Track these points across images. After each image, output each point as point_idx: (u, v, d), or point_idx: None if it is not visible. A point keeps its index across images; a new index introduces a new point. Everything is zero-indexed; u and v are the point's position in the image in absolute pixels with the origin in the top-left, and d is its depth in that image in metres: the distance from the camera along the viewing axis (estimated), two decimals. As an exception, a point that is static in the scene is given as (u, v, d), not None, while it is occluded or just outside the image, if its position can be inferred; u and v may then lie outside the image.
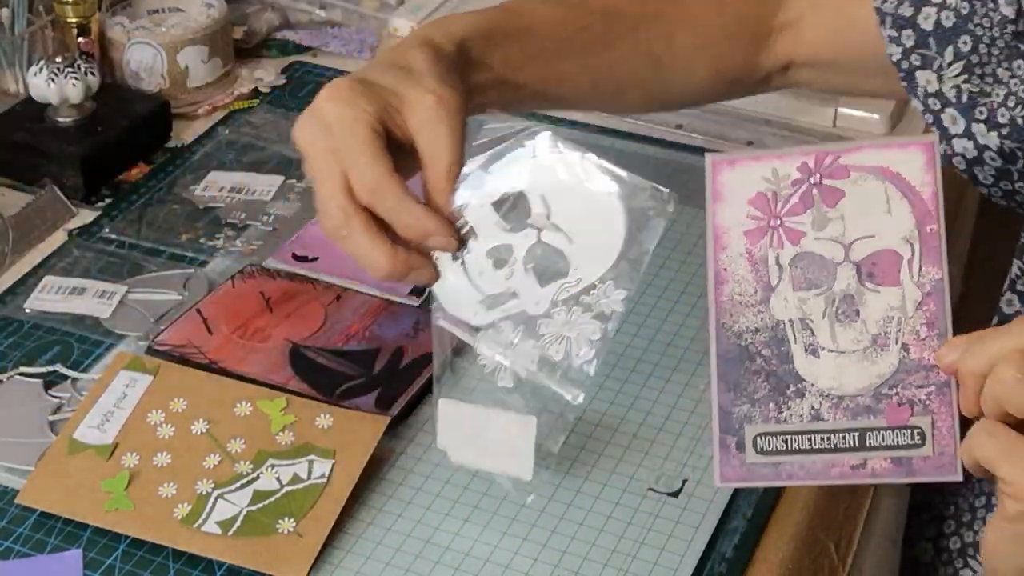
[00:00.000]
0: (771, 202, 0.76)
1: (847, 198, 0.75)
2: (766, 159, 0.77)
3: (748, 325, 0.76)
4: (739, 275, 0.76)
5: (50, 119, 1.19)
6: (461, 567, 0.86)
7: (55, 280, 1.07)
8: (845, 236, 0.75)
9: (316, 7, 1.44)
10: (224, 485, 0.88)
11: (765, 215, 0.76)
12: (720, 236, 0.77)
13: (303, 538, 0.85)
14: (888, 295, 0.74)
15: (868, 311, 0.74)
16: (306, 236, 1.12)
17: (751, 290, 0.76)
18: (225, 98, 1.31)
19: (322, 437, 0.91)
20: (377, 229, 0.82)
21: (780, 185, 0.76)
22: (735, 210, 0.77)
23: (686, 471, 0.92)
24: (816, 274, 0.75)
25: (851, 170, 0.75)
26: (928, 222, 0.75)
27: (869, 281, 0.74)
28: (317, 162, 0.83)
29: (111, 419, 0.93)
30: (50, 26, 1.27)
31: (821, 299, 0.75)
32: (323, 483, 0.88)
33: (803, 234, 0.75)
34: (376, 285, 1.06)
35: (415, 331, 1.01)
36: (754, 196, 0.77)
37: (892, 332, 0.74)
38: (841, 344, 0.74)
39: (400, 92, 0.84)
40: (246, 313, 1.03)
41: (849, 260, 0.75)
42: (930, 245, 0.74)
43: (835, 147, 0.76)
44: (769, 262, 0.76)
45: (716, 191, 0.77)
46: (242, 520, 0.86)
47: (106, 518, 0.87)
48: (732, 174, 0.77)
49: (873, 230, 0.75)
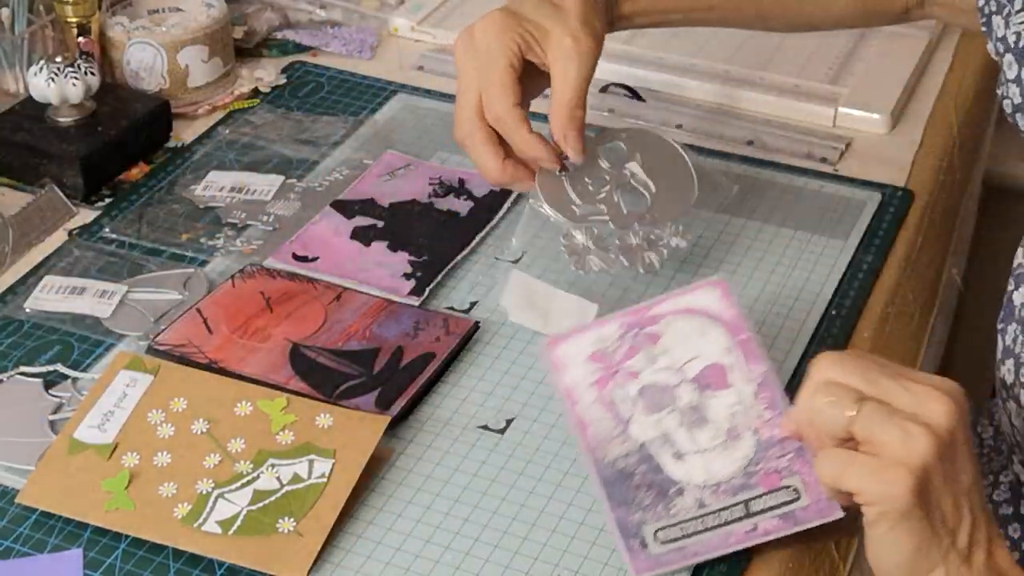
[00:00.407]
0: (607, 356, 0.89)
1: (665, 336, 0.89)
2: (592, 328, 0.90)
3: (618, 453, 0.86)
4: (597, 418, 0.87)
5: (50, 119, 1.19)
6: (461, 567, 0.86)
7: (55, 280, 1.07)
8: (675, 363, 0.88)
9: (316, 7, 1.44)
10: (224, 485, 0.88)
11: (605, 366, 0.88)
12: (571, 394, 0.88)
13: (303, 537, 0.85)
14: (726, 396, 0.86)
15: (714, 413, 0.86)
16: (306, 236, 1.12)
17: (611, 426, 0.86)
18: (225, 98, 1.31)
19: (322, 437, 0.91)
20: (495, 143, 1.01)
21: (609, 343, 0.89)
22: (578, 370, 0.89)
23: (686, 471, 0.92)
24: (661, 398, 0.87)
25: (660, 318, 0.89)
26: (739, 333, 0.88)
27: (707, 390, 0.87)
28: (462, 78, 1.01)
29: (111, 419, 0.93)
30: (50, 26, 1.27)
31: (674, 415, 0.86)
32: (323, 483, 0.88)
33: (639, 371, 0.88)
34: (376, 285, 1.06)
35: (415, 331, 1.01)
36: (591, 354, 0.89)
37: (741, 423, 0.85)
38: (702, 444, 0.85)
39: (545, 27, 1.00)
40: (246, 313, 1.03)
41: (685, 380, 0.87)
42: (748, 348, 0.88)
43: (643, 305, 0.90)
44: (618, 401, 0.87)
45: (556, 363, 0.89)
46: (242, 520, 0.86)
47: (106, 518, 0.87)
48: (566, 346, 0.89)
49: (696, 352, 0.88)
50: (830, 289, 1.09)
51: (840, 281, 1.10)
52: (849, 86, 1.33)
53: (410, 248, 1.11)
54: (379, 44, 1.42)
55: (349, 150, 1.24)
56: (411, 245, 1.11)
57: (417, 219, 1.14)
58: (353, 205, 1.15)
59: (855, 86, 1.33)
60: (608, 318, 0.90)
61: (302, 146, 1.24)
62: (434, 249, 1.10)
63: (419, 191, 1.17)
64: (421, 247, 1.11)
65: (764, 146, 1.26)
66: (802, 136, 1.27)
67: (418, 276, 1.08)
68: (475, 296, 1.07)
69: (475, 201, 1.16)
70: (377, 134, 1.26)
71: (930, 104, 1.33)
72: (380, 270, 1.08)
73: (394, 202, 1.16)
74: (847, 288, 1.09)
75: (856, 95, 1.31)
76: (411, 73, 1.37)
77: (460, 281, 1.09)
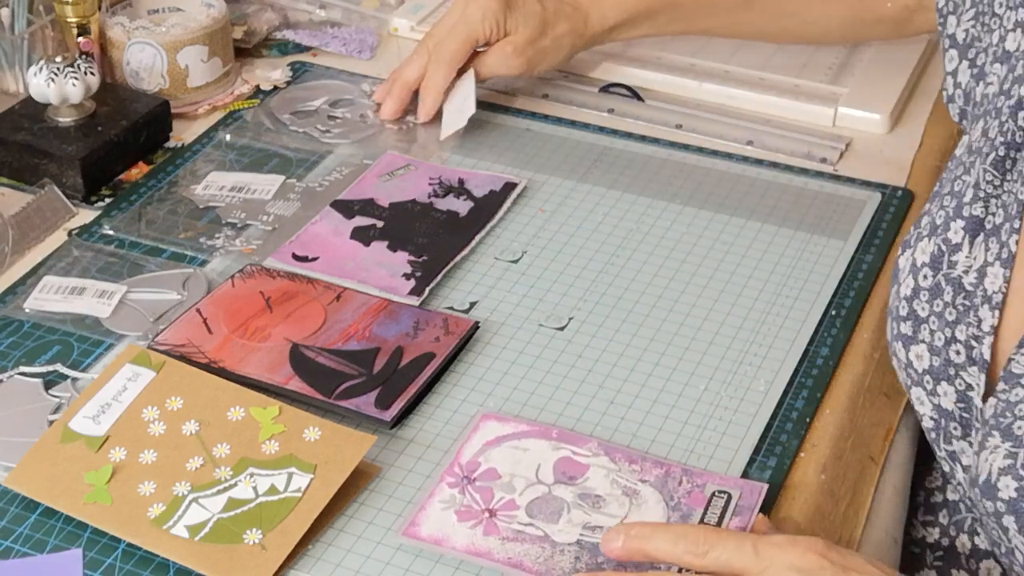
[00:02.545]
0: (470, 509, 0.88)
1: (497, 467, 0.92)
2: (431, 501, 0.89)
3: (568, 563, 0.85)
4: (520, 552, 0.86)
5: (50, 119, 1.19)
6: (461, 567, 0.85)
7: (55, 280, 1.07)
8: (529, 479, 0.90)
9: (316, 7, 1.44)
10: (200, 489, 0.88)
11: (477, 515, 0.88)
12: (476, 552, 0.86)
13: (266, 551, 0.84)
14: (595, 472, 0.91)
15: (602, 489, 0.90)
16: (306, 236, 1.12)
17: (538, 551, 0.86)
18: (225, 98, 1.31)
19: (306, 450, 0.90)
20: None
21: (457, 502, 0.89)
22: (458, 534, 0.87)
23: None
24: (550, 506, 0.88)
25: (477, 457, 0.92)
26: (550, 432, 0.94)
27: (575, 480, 0.90)
28: (444, 20, 1.28)
29: (107, 411, 0.93)
30: (50, 26, 1.27)
31: (576, 510, 0.88)
32: (298, 497, 0.87)
33: (512, 498, 0.89)
34: (375, 285, 1.06)
35: (415, 331, 1.01)
36: (456, 518, 0.88)
37: (626, 481, 0.90)
38: (619, 514, 0.88)
39: (508, 27, 1.26)
40: (246, 313, 1.03)
41: (551, 483, 0.90)
42: (568, 438, 0.93)
43: (452, 458, 0.92)
44: (519, 528, 0.87)
45: (431, 540, 0.87)
46: (211, 526, 0.86)
47: (83, 510, 0.87)
48: (427, 527, 0.87)
49: (534, 463, 0.91)
50: (830, 289, 1.09)
51: (840, 281, 1.10)
52: (849, 86, 1.33)
53: (410, 248, 1.11)
54: (379, 44, 1.42)
55: (349, 150, 1.24)
56: (411, 245, 1.11)
57: (417, 219, 1.14)
58: (353, 205, 1.15)
59: (855, 86, 1.33)
60: (434, 485, 0.90)
61: (302, 146, 1.24)
62: (434, 249, 1.10)
63: (419, 191, 1.17)
64: (421, 247, 1.11)
65: (764, 146, 1.26)
66: (802, 136, 1.27)
67: (418, 276, 1.08)
68: (475, 296, 1.07)
69: (475, 201, 1.16)
70: (377, 134, 1.26)
71: (930, 104, 1.33)
72: (380, 270, 1.08)
73: (394, 202, 1.16)
74: (847, 288, 1.09)
75: (856, 95, 1.31)
76: (411, 73, 1.37)
77: (460, 281, 1.09)
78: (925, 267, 0.94)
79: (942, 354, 0.92)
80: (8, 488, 0.90)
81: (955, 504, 1.02)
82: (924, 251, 0.94)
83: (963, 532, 1.01)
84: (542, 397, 0.98)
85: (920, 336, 0.93)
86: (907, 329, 0.94)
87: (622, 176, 1.22)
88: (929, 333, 0.93)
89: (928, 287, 0.93)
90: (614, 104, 1.32)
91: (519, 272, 1.10)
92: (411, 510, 0.88)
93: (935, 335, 0.92)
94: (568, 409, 0.97)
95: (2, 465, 0.91)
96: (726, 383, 0.99)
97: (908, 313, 0.94)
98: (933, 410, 0.94)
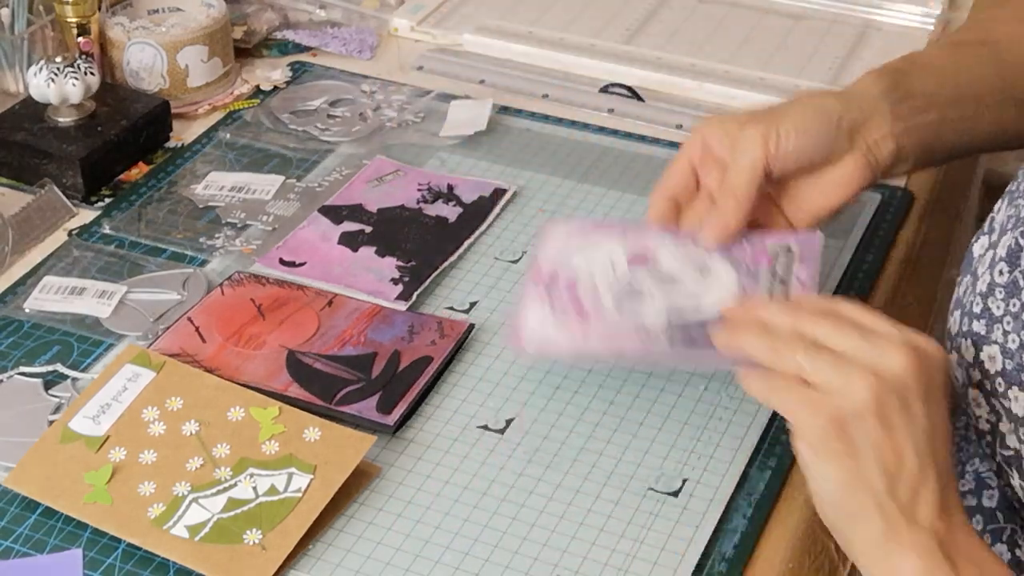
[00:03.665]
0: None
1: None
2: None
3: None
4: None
5: (50, 119, 1.19)
6: (461, 567, 0.86)
7: (55, 280, 1.07)
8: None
9: (316, 7, 1.44)
10: (201, 489, 0.88)
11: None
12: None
13: (266, 551, 0.84)
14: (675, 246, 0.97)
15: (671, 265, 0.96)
16: (294, 241, 1.12)
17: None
18: (225, 98, 1.32)
19: (306, 450, 0.90)
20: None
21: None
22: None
23: (686, 471, 0.92)
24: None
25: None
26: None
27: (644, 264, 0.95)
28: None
29: (107, 411, 0.93)
30: (50, 26, 1.27)
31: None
32: (298, 497, 0.87)
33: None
34: (363, 290, 1.06)
35: (410, 335, 1.01)
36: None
37: (693, 256, 0.95)
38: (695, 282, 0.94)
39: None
40: (239, 320, 1.02)
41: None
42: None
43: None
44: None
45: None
46: (211, 527, 0.86)
47: (83, 510, 0.87)
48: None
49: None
50: (830, 289, 1.09)
51: (840, 281, 1.10)
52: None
53: (398, 253, 1.10)
54: (379, 44, 1.42)
55: (349, 150, 1.24)
56: (399, 250, 1.11)
57: (405, 225, 1.14)
58: (341, 210, 1.15)
59: (855, 86, 1.33)
60: (525, 301, 0.95)
61: (302, 146, 1.24)
62: (422, 254, 1.10)
63: (408, 197, 1.17)
64: (409, 252, 1.10)
65: (764, 146, 1.26)
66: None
67: (405, 281, 1.07)
68: (475, 296, 1.07)
69: (463, 207, 1.16)
70: (377, 134, 1.26)
71: (930, 104, 1.33)
72: (368, 275, 1.08)
73: (382, 207, 1.16)
74: (847, 288, 1.09)
75: (856, 95, 1.31)
76: (411, 73, 1.37)
77: (460, 281, 1.09)
78: (1002, 261, 0.90)
79: (1015, 358, 0.88)
80: (8, 488, 0.90)
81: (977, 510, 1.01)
82: (1004, 245, 0.90)
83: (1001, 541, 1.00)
84: (542, 397, 0.98)
85: (993, 336, 0.89)
86: (980, 327, 0.90)
87: (622, 176, 1.22)
88: (1003, 334, 0.89)
89: (1004, 284, 0.89)
90: (614, 104, 1.32)
91: (519, 272, 1.10)
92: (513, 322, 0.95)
93: (1009, 336, 0.88)
94: (570, 407, 0.97)
95: (2, 465, 0.92)
96: (726, 383, 0.99)
97: (983, 310, 0.90)
98: (991, 413, 0.91)
